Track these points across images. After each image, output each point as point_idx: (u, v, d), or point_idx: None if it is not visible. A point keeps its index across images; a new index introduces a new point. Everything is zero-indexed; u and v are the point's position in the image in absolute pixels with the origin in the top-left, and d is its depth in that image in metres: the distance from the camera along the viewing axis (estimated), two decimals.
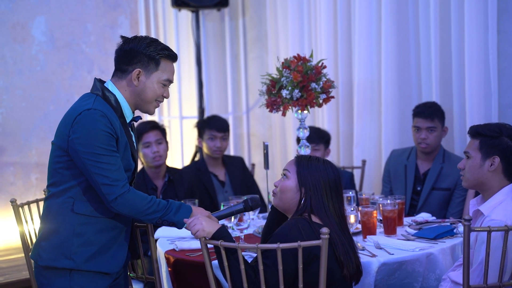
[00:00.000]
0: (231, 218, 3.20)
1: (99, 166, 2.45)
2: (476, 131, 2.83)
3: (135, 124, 2.77)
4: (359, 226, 3.30)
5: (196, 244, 3.14)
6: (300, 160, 2.61)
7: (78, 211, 2.53)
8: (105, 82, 2.63)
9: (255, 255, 2.53)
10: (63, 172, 2.54)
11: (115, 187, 2.47)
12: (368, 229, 3.24)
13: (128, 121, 2.62)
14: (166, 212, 2.55)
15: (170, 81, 2.65)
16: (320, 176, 2.55)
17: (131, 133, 2.68)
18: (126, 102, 2.61)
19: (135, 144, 2.69)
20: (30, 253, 2.74)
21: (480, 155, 2.79)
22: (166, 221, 2.56)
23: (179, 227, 2.58)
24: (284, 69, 3.43)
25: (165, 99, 2.68)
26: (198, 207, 2.69)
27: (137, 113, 2.74)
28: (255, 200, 2.75)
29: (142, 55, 2.57)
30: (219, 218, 2.69)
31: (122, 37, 2.65)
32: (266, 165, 3.52)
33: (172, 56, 2.64)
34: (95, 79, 2.63)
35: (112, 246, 2.59)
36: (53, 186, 2.58)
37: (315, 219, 2.50)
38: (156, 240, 3.34)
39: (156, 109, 2.79)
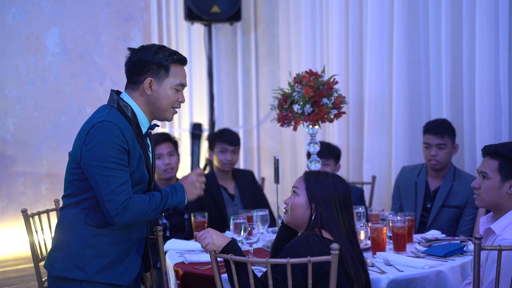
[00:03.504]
0: (240, 232, 3.20)
1: (105, 179, 2.44)
2: (495, 152, 2.76)
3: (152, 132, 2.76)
4: (369, 242, 3.30)
5: (205, 257, 3.14)
6: (309, 176, 2.61)
7: (91, 223, 2.54)
8: (121, 93, 2.64)
9: (264, 269, 2.53)
10: (78, 184, 2.55)
11: (117, 202, 2.45)
12: (377, 246, 3.23)
13: (144, 131, 2.62)
14: (164, 201, 2.56)
15: (183, 85, 2.63)
16: (329, 191, 2.55)
17: (148, 143, 2.67)
18: (142, 112, 2.60)
19: (150, 154, 2.69)
20: (41, 263, 2.75)
21: (499, 177, 2.74)
22: (169, 209, 2.60)
23: (182, 207, 2.63)
24: (296, 84, 3.44)
25: (181, 104, 2.68)
26: (184, 177, 2.69)
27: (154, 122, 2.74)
28: (196, 125, 2.75)
29: (151, 63, 2.57)
30: (193, 165, 2.72)
31: (130, 48, 2.65)
32: (277, 180, 3.53)
33: (182, 60, 2.63)
34: (112, 90, 2.63)
35: (125, 259, 2.59)
36: (68, 197, 2.59)
37: (326, 234, 2.49)
38: (165, 253, 3.34)
39: (166, 122, 2.79)
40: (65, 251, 2.55)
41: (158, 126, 2.76)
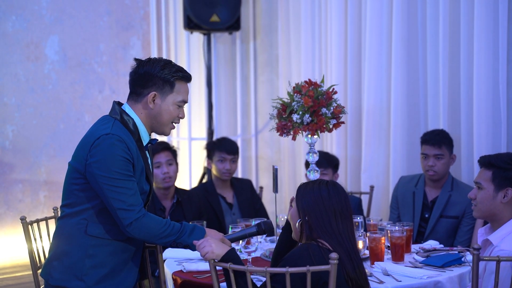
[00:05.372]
0: (239, 241, 3.21)
1: (115, 190, 2.47)
2: (489, 162, 2.80)
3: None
4: (367, 252, 3.30)
5: (203, 266, 3.14)
6: (300, 186, 2.62)
7: (91, 233, 2.55)
8: (122, 104, 2.65)
9: (263, 279, 2.53)
10: (78, 194, 2.56)
11: (131, 212, 2.48)
12: (376, 255, 3.23)
13: (145, 144, 2.64)
14: (180, 235, 2.56)
15: (185, 102, 2.67)
16: (314, 197, 2.51)
17: (147, 155, 2.69)
18: (143, 125, 2.62)
19: (150, 166, 2.70)
20: (38, 271, 2.75)
21: (493, 187, 2.77)
22: (180, 243, 2.57)
23: (193, 249, 2.59)
24: (295, 94, 3.45)
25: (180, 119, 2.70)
26: (211, 229, 2.70)
27: (153, 135, 2.75)
28: (268, 223, 2.76)
29: (157, 78, 2.59)
30: (232, 240, 2.70)
31: (136, 59, 2.66)
32: (275, 189, 3.53)
33: (187, 77, 2.66)
34: (114, 102, 2.64)
35: (123, 269, 2.60)
36: (67, 207, 2.59)
37: (326, 244, 2.49)
38: (164, 261, 3.34)
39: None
40: (63, 261, 2.55)
41: (157, 140, 2.79)
